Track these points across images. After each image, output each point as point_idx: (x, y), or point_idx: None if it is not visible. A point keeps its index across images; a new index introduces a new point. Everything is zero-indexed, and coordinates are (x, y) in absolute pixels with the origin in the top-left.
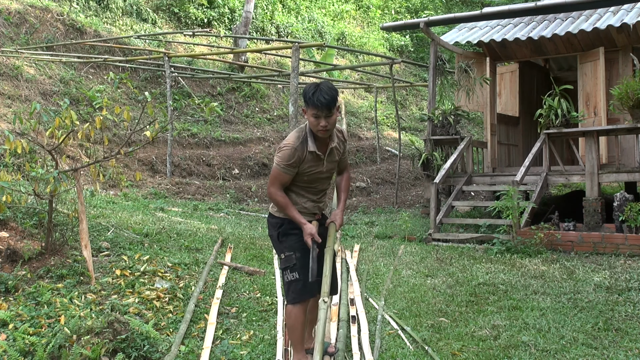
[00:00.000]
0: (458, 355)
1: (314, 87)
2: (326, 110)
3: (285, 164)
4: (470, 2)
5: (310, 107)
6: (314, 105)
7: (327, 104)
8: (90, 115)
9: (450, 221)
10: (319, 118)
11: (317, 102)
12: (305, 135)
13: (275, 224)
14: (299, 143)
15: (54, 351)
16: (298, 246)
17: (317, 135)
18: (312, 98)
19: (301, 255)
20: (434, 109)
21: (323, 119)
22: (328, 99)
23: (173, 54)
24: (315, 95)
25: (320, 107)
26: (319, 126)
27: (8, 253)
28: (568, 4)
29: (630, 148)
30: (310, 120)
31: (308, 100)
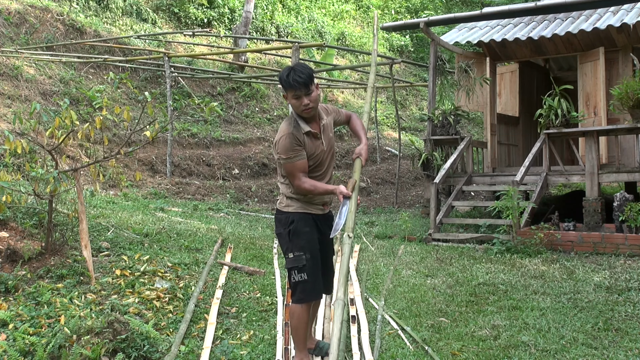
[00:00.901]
0: (458, 355)
1: (287, 69)
2: (304, 88)
3: (292, 151)
4: (470, 2)
5: (288, 90)
6: (291, 86)
7: (303, 82)
8: (90, 115)
9: (450, 221)
10: (299, 98)
11: (293, 83)
12: (295, 120)
13: (284, 221)
14: (292, 128)
15: (54, 351)
16: (309, 247)
17: (305, 118)
18: (287, 80)
19: (311, 257)
20: (434, 109)
21: (304, 97)
22: (304, 77)
23: (173, 54)
24: (290, 76)
25: (297, 87)
26: (302, 106)
27: (8, 253)
28: (568, 4)
29: (630, 148)
30: (292, 103)
31: (285, 83)
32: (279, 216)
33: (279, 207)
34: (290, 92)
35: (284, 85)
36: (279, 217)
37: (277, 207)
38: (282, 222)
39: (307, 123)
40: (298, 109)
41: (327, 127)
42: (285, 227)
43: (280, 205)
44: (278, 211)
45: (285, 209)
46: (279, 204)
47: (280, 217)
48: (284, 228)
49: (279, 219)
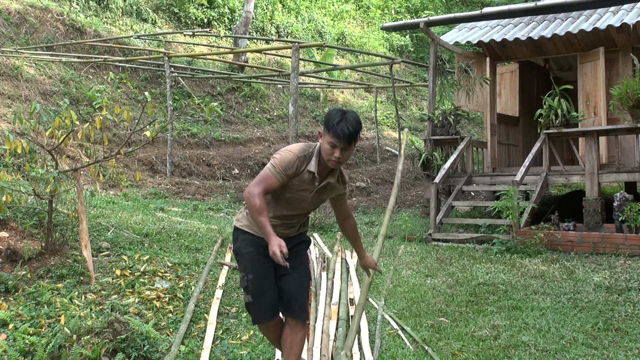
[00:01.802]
0: (458, 355)
1: (340, 114)
2: (346, 142)
3: (282, 169)
4: (470, 2)
5: (330, 134)
6: (336, 134)
7: (350, 136)
8: (90, 115)
9: (450, 221)
10: (335, 148)
11: (340, 132)
12: (312, 154)
13: (234, 237)
14: (303, 155)
15: (54, 351)
16: (251, 267)
17: (322, 161)
18: (336, 126)
19: (254, 278)
20: (434, 109)
21: (339, 150)
22: (352, 131)
23: (173, 54)
24: (340, 125)
25: (341, 138)
26: (333, 156)
27: (8, 253)
28: (568, 4)
29: (630, 148)
30: (325, 147)
31: (331, 127)
32: (233, 232)
33: (234, 221)
34: (329, 137)
35: (328, 127)
36: (233, 233)
37: (233, 222)
38: (233, 238)
39: (319, 165)
40: (327, 156)
41: (328, 188)
42: (235, 244)
43: (235, 220)
44: (234, 227)
45: (236, 223)
46: (235, 218)
47: (234, 233)
48: (234, 245)
49: (233, 235)
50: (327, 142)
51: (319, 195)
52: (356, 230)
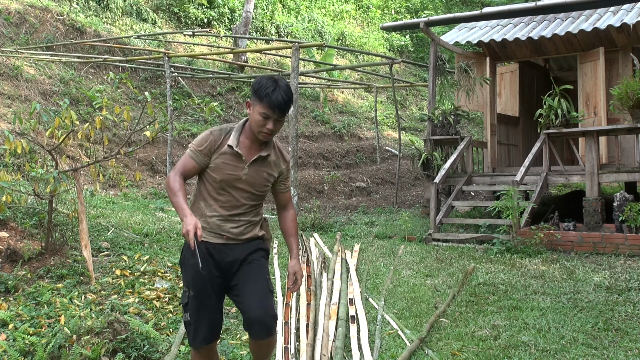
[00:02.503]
0: (458, 355)
1: (272, 82)
2: (280, 112)
3: (196, 148)
4: (470, 2)
5: (262, 104)
6: (270, 103)
7: (285, 105)
8: (90, 115)
9: (450, 221)
10: (268, 119)
11: (274, 101)
12: (231, 130)
13: (183, 247)
14: (218, 130)
15: (54, 351)
16: (192, 282)
17: (246, 133)
18: (270, 95)
19: (194, 295)
20: (434, 109)
21: (272, 121)
22: (287, 99)
23: (173, 54)
24: (275, 94)
25: (274, 108)
26: (265, 128)
27: (8, 253)
28: (568, 4)
29: (630, 148)
30: (255, 118)
31: (263, 96)
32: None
33: None
34: (261, 107)
35: (259, 96)
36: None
37: None
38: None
39: (240, 137)
40: (258, 127)
41: (265, 163)
42: (180, 255)
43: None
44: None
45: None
46: None
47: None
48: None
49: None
50: (258, 112)
51: (255, 171)
52: (295, 224)
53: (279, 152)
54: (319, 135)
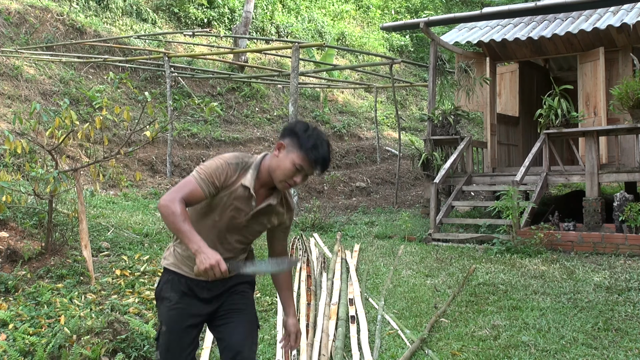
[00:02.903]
0: (458, 355)
1: (316, 135)
2: (320, 170)
3: (207, 176)
4: (470, 2)
5: (301, 155)
6: (314, 159)
7: (327, 164)
8: (90, 115)
9: (450, 221)
10: (300, 172)
11: (319, 158)
12: (249, 165)
13: (158, 281)
14: (235, 163)
15: (54, 351)
16: (166, 318)
17: (261, 174)
18: (317, 149)
19: (167, 331)
20: (434, 109)
21: (303, 176)
22: (329, 158)
23: (173, 54)
24: (322, 149)
25: (316, 165)
26: (291, 180)
27: (8, 253)
28: (568, 4)
29: (630, 148)
30: (285, 165)
31: (309, 148)
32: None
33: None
34: (300, 158)
35: (300, 146)
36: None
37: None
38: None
39: (256, 182)
40: (283, 175)
41: (268, 213)
42: (156, 287)
43: (164, 254)
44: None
45: (162, 262)
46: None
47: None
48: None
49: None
50: (292, 162)
51: (256, 218)
52: (290, 277)
53: (286, 200)
54: None
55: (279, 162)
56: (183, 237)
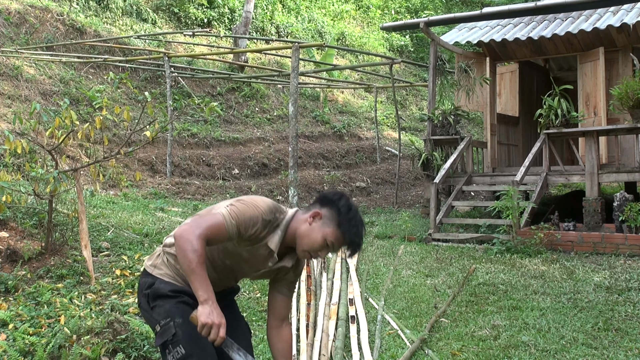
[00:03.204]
0: (458, 355)
1: (357, 218)
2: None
3: (238, 221)
4: (470, 2)
5: (338, 234)
6: (347, 241)
7: (358, 250)
8: (90, 115)
9: (450, 221)
10: (327, 249)
11: (356, 242)
12: (278, 225)
13: (142, 286)
14: (268, 220)
15: (54, 351)
16: (177, 310)
17: (287, 239)
18: (350, 232)
19: (183, 322)
20: (434, 109)
21: (329, 252)
22: (362, 245)
23: (173, 54)
24: (357, 235)
25: (351, 248)
26: (315, 252)
27: (8, 253)
28: (568, 4)
29: (630, 148)
30: (316, 237)
31: (345, 230)
32: (142, 279)
33: (147, 266)
34: (335, 237)
35: (340, 225)
36: (143, 281)
37: (145, 266)
38: (141, 288)
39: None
40: (310, 247)
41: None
42: (141, 293)
43: (148, 264)
44: (144, 273)
45: (151, 270)
46: (148, 261)
47: (143, 281)
48: (141, 295)
49: (141, 283)
50: (323, 236)
51: (265, 271)
52: (291, 348)
53: (297, 263)
54: (319, 135)
55: (310, 232)
56: (194, 280)
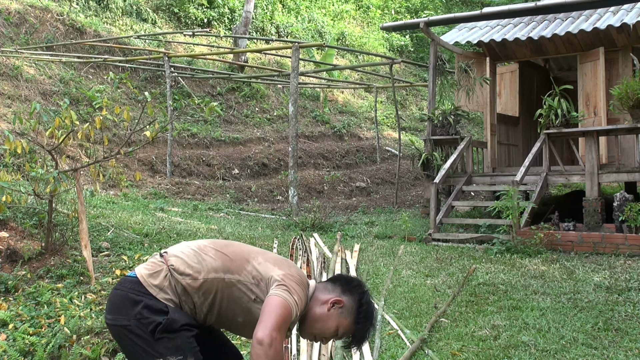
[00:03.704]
0: (458, 355)
1: (373, 318)
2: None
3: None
4: (470, 2)
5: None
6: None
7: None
8: (90, 115)
9: (450, 221)
10: (334, 337)
11: (361, 339)
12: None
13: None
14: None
15: (54, 351)
16: (189, 347)
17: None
18: (363, 330)
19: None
20: (434, 109)
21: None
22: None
23: (173, 54)
24: (367, 334)
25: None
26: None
27: (8, 253)
28: (568, 4)
29: (630, 148)
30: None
31: (359, 328)
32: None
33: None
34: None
35: (359, 323)
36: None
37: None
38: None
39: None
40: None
41: None
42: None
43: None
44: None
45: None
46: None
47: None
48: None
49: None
50: (337, 326)
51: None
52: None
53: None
54: (319, 135)
55: (327, 319)
56: None
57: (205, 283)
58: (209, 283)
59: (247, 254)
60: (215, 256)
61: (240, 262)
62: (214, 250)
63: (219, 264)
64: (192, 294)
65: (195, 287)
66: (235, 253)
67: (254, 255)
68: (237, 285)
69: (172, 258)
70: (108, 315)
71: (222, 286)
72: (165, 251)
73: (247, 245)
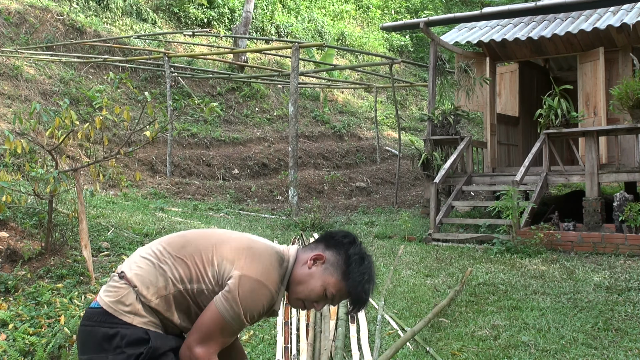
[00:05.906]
0: (458, 355)
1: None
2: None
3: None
4: (470, 2)
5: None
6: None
7: (363, 307)
8: (90, 115)
9: (450, 221)
10: (325, 301)
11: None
12: (284, 278)
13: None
14: (278, 289)
15: (54, 351)
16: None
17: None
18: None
19: None
20: (434, 109)
21: (327, 303)
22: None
23: (173, 54)
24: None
25: (351, 302)
26: (312, 304)
27: (8, 253)
28: (568, 4)
29: (630, 148)
30: (314, 285)
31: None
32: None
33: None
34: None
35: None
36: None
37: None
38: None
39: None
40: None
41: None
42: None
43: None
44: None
45: (130, 318)
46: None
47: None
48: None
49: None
50: (324, 285)
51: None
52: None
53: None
54: (319, 135)
55: (309, 278)
56: None
57: (173, 297)
58: (177, 296)
59: (205, 251)
60: (175, 264)
61: (202, 265)
62: (171, 256)
63: (180, 274)
64: (163, 312)
65: (164, 305)
66: (194, 255)
67: (213, 252)
68: (205, 293)
69: (133, 278)
70: (82, 357)
71: (191, 295)
72: (122, 271)
73: (204, 236)
